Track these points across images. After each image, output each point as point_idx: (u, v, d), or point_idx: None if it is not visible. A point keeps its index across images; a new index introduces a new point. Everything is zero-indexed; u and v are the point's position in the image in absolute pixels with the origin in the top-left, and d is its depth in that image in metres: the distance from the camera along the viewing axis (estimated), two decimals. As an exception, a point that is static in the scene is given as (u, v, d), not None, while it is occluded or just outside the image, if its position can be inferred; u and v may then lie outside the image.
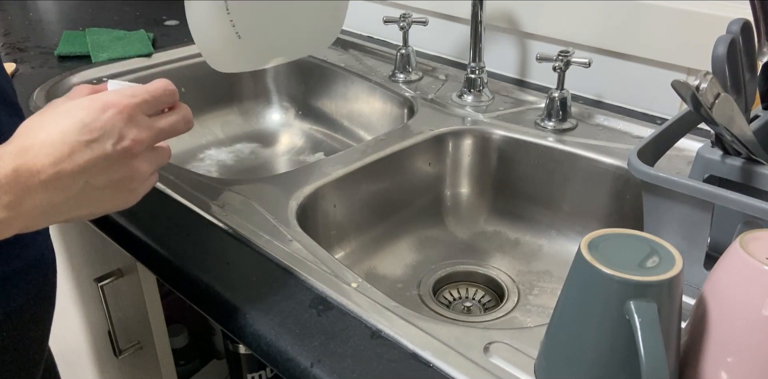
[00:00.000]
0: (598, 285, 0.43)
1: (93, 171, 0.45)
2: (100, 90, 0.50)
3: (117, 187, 0.47)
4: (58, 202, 0.44)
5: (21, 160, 0.43)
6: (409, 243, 0.88)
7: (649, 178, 0.58)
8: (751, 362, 0.43)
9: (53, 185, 0.44)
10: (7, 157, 0.43)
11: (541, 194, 0.87)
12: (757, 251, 0.43)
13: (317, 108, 1.14)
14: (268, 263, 0.63)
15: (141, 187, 0.49)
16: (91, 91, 0.49)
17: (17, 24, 1.33)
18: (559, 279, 0.81)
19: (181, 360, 1.02)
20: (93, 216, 0.48)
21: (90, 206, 0.47)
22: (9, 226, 0.43)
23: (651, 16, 0.84)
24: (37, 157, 0.43)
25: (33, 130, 0.45)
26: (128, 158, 0.46)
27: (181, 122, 0.51)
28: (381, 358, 0.52)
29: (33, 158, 0.43)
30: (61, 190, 0.44)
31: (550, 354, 0.48)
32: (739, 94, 0.56)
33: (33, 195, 0.43)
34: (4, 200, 0.42)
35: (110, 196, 0.47)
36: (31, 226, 0.45)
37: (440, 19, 1.09)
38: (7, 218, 0.42)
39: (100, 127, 0.45)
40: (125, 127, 0.46)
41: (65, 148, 0.44)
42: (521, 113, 0.92)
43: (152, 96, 0.48)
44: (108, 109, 0.46)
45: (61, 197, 0.44)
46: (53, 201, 0.44)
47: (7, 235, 0.44)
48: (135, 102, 0.47)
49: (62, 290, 0.97)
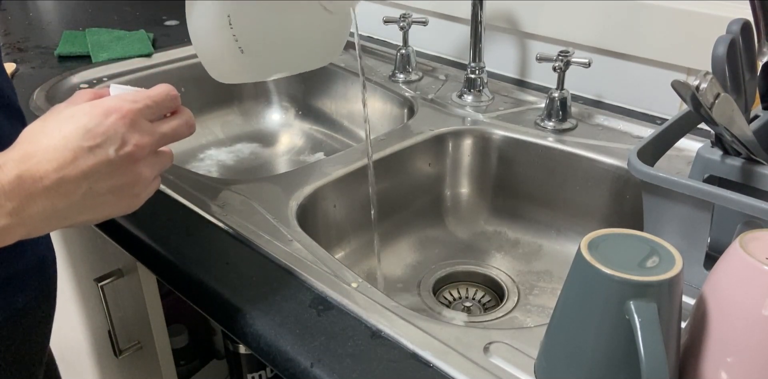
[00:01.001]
0: (598, 285, 0.43)
1: (96, 177, 0.45)
2: (102, 95, 0.50)
3: (120, 192, 0.47)
4: (61, 207, 0.44)
5: (24, 166, 0.43)
6: (409, 243, 0.88)
7: (649, 178, 0.58)
8: (751, 362, 0.43)
9: (56, 191, 0.44)
10: (11, 163, 0.43)
11: (541, 194, 0.87)
12: (757, 251, 0.43)
13: (317, 108, 1.14)
14: (268, 263, 0.63)
15: (144, 192, 0.49)
16: (93, 96, 0.49)
17: (17, 24, 1.33)
18: (559, 279, 0.81)
19: (181, 360, 1.02)
20: (96, 221, 0.48)
21: (93, 211, 0.47)
22: (13, 232, 0.43)
23: (651, 16, 0.84)
24: (41, 163, 0.43)
25: (36, 136, 0.45)
26: (131, 163, 0.46)
27: (184, 127, 0.51)
28: (381, 358, 0.52)
29: (36, 165, 0.43)
30: (64, 196, 0.44)
31: (550, 354, 0.48)
32: (739, 94, 0.56)
33: (36, 201, 0.43)
34: (8, 207, 0.42)
35: (113, 201, 0.47)
36: (34, 232, 0.45)
37: (440, 19, 1.09)
38: (10, 224, 0.42)
39: (103, 133, 0.45)
40: (128, 132, 0.46)
41: (68, 154, 0.44)
42: (521, 113, 0.92)
43: (154, 101, 0.48)
44: (111, 114, 0.46)
45: (64, 203, 0.44)
46: (56, 207, 0.44)
47: (10, 241, 0.44)
48: (137, 107, 0.47)
49: (62, 290, 0.97)
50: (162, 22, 1.31)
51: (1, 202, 0.42)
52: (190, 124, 0.51)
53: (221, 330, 0.92)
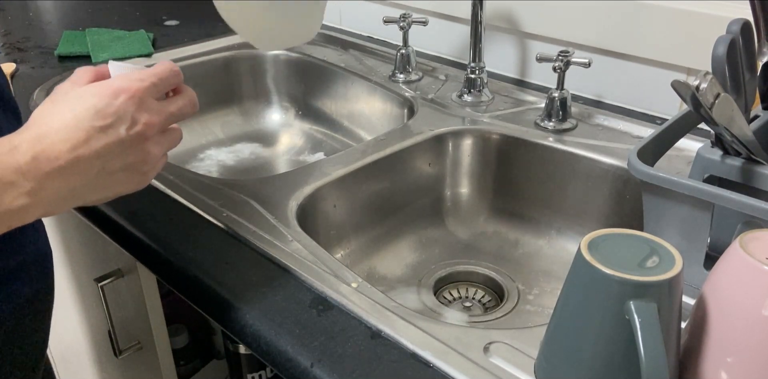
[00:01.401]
0: (598, 285, 0.43)
1: (109, 156, 0.46)
2: (102, 73, 0.51)
3: (131, 170, 0.48)
4: (76, 187, 0.46)
5: (39, 147, 0.44)
6: (409, 243, 0.88)
7: (649, 178, 0.58)
8: (751, 362, 0.43)
9: (71, 171, 0.45)
10: (25, 144, 0.44)
11: (541, 194, 0.87)
12: (757, 251, 0.43)
13: (317, 108, 1.14)
14: (268, 263, 0.63)
15: (152, 171, 0.50)
16: (94, 75, 0.50)
17: (17, 24, 1.33)
18: (559, 279, 0.81)
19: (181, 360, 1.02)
20: (106, 200, 0.50)
21: (105, 189, 0.48)
22: (32, 211, 0.45)
23: (651, 16, 0.84)
24: (55, 144, 0.44)
25: (46, 117, 0.46)
26: (141, 142, 0.48)
27: (189, 105, 0.52)
28: (381, 358, 0.52)
29: (51, 145, 0.44)
30: (79, 175, 0.46)
31: (550, 354, 0.48)
32: (739, 94, 0.56)
33: (53, 181, 0.44)
34: (26, 187, 0.43)
35: (124, 179, 0.49)
36: (51, 211, 0.46)
37: (440, 19, 1.09)
38: (30, 204, 0.44)
39: (114, 113, 0.46)
40: (137, 112, 0.47)
41: (81, 134, 0.45)
42: (521, 113, 0.92)
43: (159, 79, 0.50)
44: (119, 94, 0.47)
45: (79, 182, 0.46)
46: (72, 186, 0.46)
47: (29, 220, 0.45)
48: (144, 86, 0.48)
49: (62, 290, 0.97)
50: (162, 22, 1.31)
51: (20, 182, 0.43)
52: (194, 103, 0.53)
53: (221, 330, 0.92)
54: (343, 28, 1.26)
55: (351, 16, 1.24)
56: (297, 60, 1.15)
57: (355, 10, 1.22)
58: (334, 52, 1.16)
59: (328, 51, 1.16)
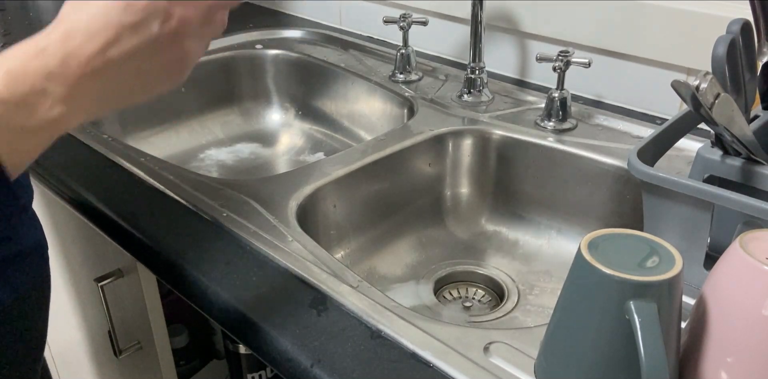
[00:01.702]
0: (598, 285, 0.43)
1: (143, 57, 0.43)
2: None
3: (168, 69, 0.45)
4: (112, 89, 0.43)
5: (68, 49, 0.41)
6: (409, 243, 0.88)
7: (649, 179, 0.58)
8: (751, 362, 0.43)
9: (104, 74, 0.42)
10: (53, 46, 0.41)
11: (541, 194, 0.87)
12: (757, 251, 0.43)
13: (317, 108, 1.14)
14: (268, 263, 0.63)
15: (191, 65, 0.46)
16: None
17: (17, 24, 1.33)
18: (559, 279, 0.81)
19: (181, 360, 1.02)
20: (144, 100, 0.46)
21: (144, 91, 0.45)
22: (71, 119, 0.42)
23: (651, 16, 0.84)
24: (83, 45, 0.41)
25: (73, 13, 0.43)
26: (178, 40, 0.43)
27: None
28: (381, 358, 0.52)
29: (79, 47, 0.41)
30: (112, 79, 0.42)
31: (550, 354, 0.48)
32: (739, 94, 0.56)
33: (85, 85, 0.41)
34: (59, 92, 0.41)
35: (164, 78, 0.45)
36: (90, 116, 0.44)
37: (440, 19, 1.09)
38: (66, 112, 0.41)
39: (144, 7, 0.42)
40: (171, 5, 0.43)
41: (110, 33, 0.41)
42: (521, 113, 0.92)
43: None
44: None
45: (113, 85, 0.43)
46: (107, 89, 0.43)
47: (71, 126, 0.43)
48: None
49: (62, 290, 0.97)
50: (162, 22, 1.31)
51: (52, 89, 0.40)
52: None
53: (221, 330, 0.92)
54: (343, 28, 1.26)
55: (351, 16, 1.24)
56: (297, 60, 1.15)
57: (355, 10, 1.22)
58: (334, 52, 1.16)
59: (328, 51, 1.16)
